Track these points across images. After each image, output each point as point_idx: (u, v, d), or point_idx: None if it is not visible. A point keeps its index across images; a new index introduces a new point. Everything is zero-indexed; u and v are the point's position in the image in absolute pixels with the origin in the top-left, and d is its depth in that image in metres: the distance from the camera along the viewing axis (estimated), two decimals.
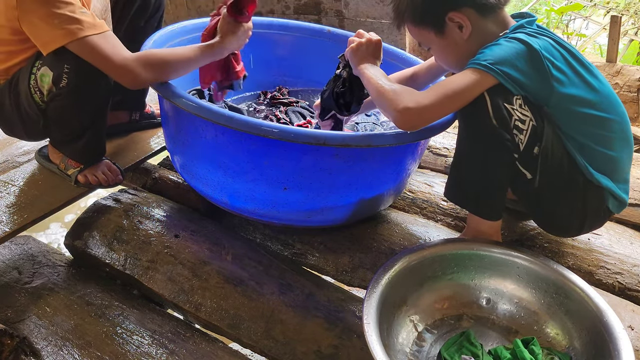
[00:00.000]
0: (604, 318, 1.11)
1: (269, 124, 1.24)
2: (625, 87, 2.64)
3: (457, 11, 1.25)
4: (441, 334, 1.22)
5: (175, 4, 3.19)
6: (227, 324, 1.28)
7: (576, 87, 1.23)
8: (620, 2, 4.47)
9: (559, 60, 1.22)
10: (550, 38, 1.24)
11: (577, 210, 1.29)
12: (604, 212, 1.31)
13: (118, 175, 1.60)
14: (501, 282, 1.27)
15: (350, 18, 2.89)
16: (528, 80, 1.18)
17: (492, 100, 1.16)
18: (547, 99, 1.21)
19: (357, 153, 1.30)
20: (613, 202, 1.29)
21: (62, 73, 1.35)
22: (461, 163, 1.29)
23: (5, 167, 1.69)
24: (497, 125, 1.17)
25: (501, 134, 1.17)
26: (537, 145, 1.20)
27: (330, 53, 1.99)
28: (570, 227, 1.35)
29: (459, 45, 1.29)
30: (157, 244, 1.45)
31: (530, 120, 1.19)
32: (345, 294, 1.38)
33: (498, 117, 1.16)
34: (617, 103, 1.30)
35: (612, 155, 1.27)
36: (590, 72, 1.26)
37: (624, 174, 1.31)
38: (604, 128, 1.26)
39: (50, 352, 1.20)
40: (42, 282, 1.38)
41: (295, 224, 1.49)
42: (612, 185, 1.27)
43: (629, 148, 1.31)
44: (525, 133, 1.18)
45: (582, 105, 1.23)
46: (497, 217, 1.31)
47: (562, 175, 1.24)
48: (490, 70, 1.16)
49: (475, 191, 1.28)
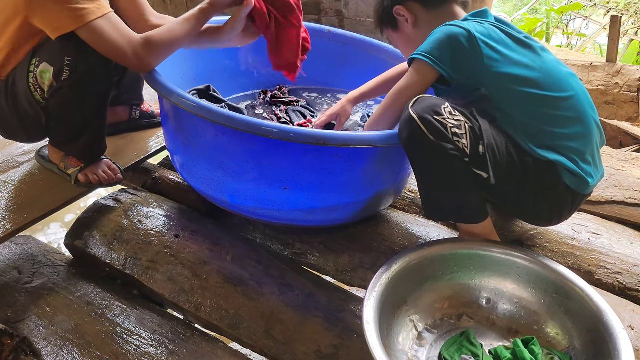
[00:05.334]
0: (604, 318, 1.11)
1: (269, 124, 1.24)
2: (625, 87, 2.64)
3: (401, 4, 1.40)
4: (441, 334, 1.22)
5: (175, 4, 3.19)
6: (227, 324, 1.28)
7: (513, 66, 1.26)
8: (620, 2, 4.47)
9: (496, 42, 1.27)
10: (492, 25, 1.31)
11: (537, 192, 1.28)
12: (562, 188, 1.27)
13: (118, 174, 1.60)
14: (501, 282, 1.27)
15: (350, 18, 2.89)
16: (459, 61, 1.26)
17: (421, 118, 1.17)
18: (483, 78, 1.26)
19: (357, 153, 1.30)
20: (569, 177, 1.26)
21: (64, 66, 1.35)
22: (422, 184, 1.29)
23: (5, 167, 1.69)
24: (435, 140, 1.17)
25: (443, 146, 1.17)
26: (481, 144, 1.20)
27: (330, 53, 2.00)
28: (538, 211, 1.34)
29: (410, 38, 1.43)
30: (157, 244, 1.45)
31: (465, 123, 1.19)
32: (345, 294, 1.38)
33: (433, 131, 1.17)
34: (566, 83, 1.30)
35: (560, 132, 1.26)
36: (534, 53, 1.30)
37: (579, 150, 1.27)
38: (548, 106, 1.27)
39: (51, 352, 1.20)
40: (42, 282, 1.38)
41: (296, 224, 1.49)
42: (562, 159, 1.25)
43: (581, 125, 1.29)
44: (465, 136, 1.19)
45: (522, 84, 1.26)
46: (482, 218, 1.30)
47: (513, 163, 1.24)
48: (423, 57, 1.27)
49: (448, 204, 1.28)
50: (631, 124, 2.49)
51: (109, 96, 1.52)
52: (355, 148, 1.28)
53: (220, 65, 1.92)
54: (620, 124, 2.40)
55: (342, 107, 1.68)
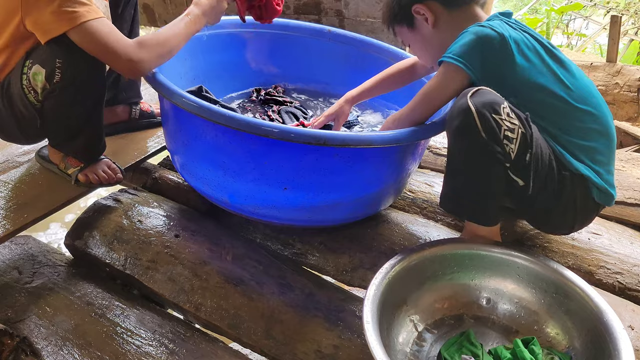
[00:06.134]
0: (604, 318, 1.11)
1: (270, 123, 1.24)
2: (625, 87, 2.64)
3: (422, 3, 1.35)
4: (441, 334, 1.22)
5: (175, 4, 3.18)
6: (227, 324, 1.28)
7: (544, 76, 1.24)
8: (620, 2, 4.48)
9: (529, 50, 1.25)
10: (524, 31, 1.28)
11: (569, 205, 1.28)
12: (591, 203, 1.29)
13: (118, 173, 1.60)
14: (501, 282, 1.27)
15: (350, 18, 2.89)
16: (489, 66, 1.23)
17: (479, 113, 1.14)
18: (513, 85, 1.24)
19: (357, 153, 1.30)
20: (597, 192, 1.27)
21: (55, 68, 1.34)
22: (454, 176, 1.27)
23: (5, 167, 1.69)
24: (487, 139, 1.15)
25: (492, 146, 1.15)
26: (529, 153, 1.18)
27: (330, 53, 2.01)
28: (564, 223, 1.34)
29: (427, 38, 1.39)
30: (157, 244, 1.45)
31: (519, 128, 1.17)
32: (345, 294, 1.38)
33: (487, 129, 1.14)
34: (592, 96, 1.29)
35: (586, 144, 1.26)
36: (562, 66, 1.28)
37: (604, 164, 1.28)
38: (576, 118, 1.26)
39: (51, 352, 1.20)
40: (42, 282, 1.38)
41: (296, 224, 1.49)
42: (591, 173, 1.25)
43: (606, 139, 1.29)
44: (515, 142, 1.16)
45: (551, 95, 1.24)
46: (494, 222, 1.31)
47: (552, 175, 1.24)
48: (454, 61, 1.23)
49: (469, 202, 1.27)
50: (631, 124, 2.49)
51: (104, 97, 1.52)
52: (355, 148, 1.28)
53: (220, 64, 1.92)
54: (620, 124, 2.40)
55: (340, 107, 1.68)
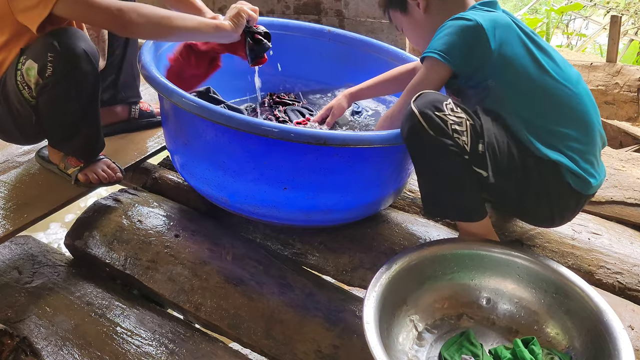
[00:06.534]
0: (604, 318, 1.11)
1: (269, 123, 1.24)
2: (625, 87, 2.64)
3: None
4: (441, 334, 1.22)
5: None
6: (227, 324, 1.28)
7: (523, 60, 1.27)
8: (620, 2, 4.48)
9: (507, 34, 1.27)
10: (512, 20, 1.31)
11: (541, 192, 1.28)
12: (566, 189, 1.28)
13: (118, 173, 1.60)
14: (501, 282, 1.27)
15: (350, 18, 2.89)
16: (468, 55, 1.25)
17: (421, 113, 1.17)
18: (491, 70, 1.26)
19: (357, 153, 1.30)
20: (572, 178, 1.26)
21: (47, 62, 1.34)
22: (425, 182, 1.29)
23: (5, 167, 1.69)
24: (434, 135, 1.17)
25: (442, 140, 1.18)
26: (481, 143, 1.20)
27: (330, 53, 2.00)
28: (540, 212, 1.34)
29: (419, 23, 1.41)
30: (157, 244, 1.45)
31: (466, 120, 1.20)
32: (345, 294, 1.38)
33: (433, 126, 1.17)
34: (571, 81, 1.30)
35: (563, 131, 1.26)
36: (545, 54, 1.30)
37: (581, 152, 1.28)
38: (553, 104, 1.27)
39: (50, 352, 1.20)
40: (42, 282, 1.38)
41: (296, 224, 1.49)
42: (564, 159, 1.25)
43: (585, 125, 1.29)
44: (465, 134, 1.19)
45: (529, 79, 1.26)
46: (480, 216, 1.30)
47: (514, 163, 1.24)
48: (434, 54, 1.26)
49: (446, 201, 1.28)
50: (631, 124, 2.49)
51: (98, 93, 1.50)
52: (355, 148, 1.28)
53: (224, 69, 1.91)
54: (620, 124, 2.40)
55: (338, 101, 1.71)
